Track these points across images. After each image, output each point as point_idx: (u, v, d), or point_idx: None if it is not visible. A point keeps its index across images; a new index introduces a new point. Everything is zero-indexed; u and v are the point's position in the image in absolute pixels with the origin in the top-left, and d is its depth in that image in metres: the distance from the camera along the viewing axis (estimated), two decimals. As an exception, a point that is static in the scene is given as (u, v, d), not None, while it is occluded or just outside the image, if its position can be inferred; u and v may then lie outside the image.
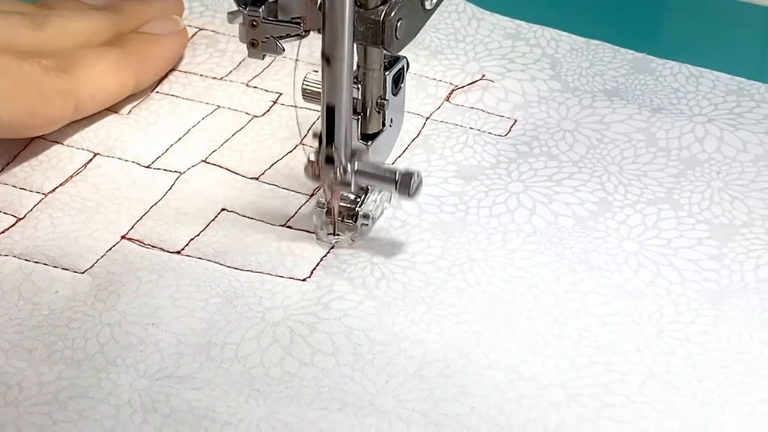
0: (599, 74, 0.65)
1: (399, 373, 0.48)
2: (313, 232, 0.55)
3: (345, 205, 0.55)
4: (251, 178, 0.58)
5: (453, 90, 0.64)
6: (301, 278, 0.53)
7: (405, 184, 0.52)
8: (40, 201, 0.56)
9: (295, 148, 0.60)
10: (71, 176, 0.58)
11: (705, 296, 0.52)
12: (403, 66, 0.55)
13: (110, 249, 0.53)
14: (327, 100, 0.51)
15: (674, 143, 0.61)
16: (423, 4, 0.53)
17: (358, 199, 0.55)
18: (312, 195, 0.57)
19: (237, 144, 0.60)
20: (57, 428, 0.45)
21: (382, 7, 0.50)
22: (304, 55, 0.57)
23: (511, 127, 0.62)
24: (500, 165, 0.59)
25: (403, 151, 0.60)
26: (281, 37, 0.51)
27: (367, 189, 0.55)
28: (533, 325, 0.51)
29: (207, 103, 0.63)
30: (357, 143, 0.54)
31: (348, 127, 0.52)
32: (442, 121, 0.62)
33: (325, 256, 0.54)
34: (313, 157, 0.52)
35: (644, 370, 0.49)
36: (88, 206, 0.56)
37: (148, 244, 0.54)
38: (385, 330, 0.50)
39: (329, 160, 0.52)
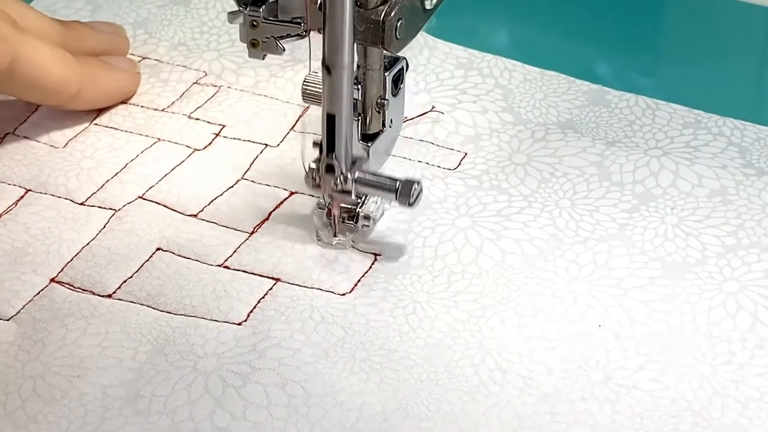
0: (553, 106, 0.64)
1: (334, 427, 0.46)
2: (318, 238, 0.55)
3: (346, 206, 0.54)
4: (189, 215, 0.56)
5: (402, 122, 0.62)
6: (237, 322, 0.51)
7: (405, 193, 0.52)
8: (-33, 242, 0.54)
9: (236, 183, 0.58)
10: (0, 215, 0.56)
11: (655, 340, 0.51)
12: (402, 66, 0.55)
13: (38, 293, 0.52)
14: (327, 109, 0.51)
15: (628, 177, 0.59)
16: (423, 4, 0.53)
17: (359, 200, 0.54)
18: (252, 233, 0.56)
19: (176, 179, 0.58)
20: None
21: (382, 7, 0.50)
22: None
23: (461, 160, 0.60)
24: (448, 199, 0.58)
25: (350, 186, 0.58)
26: (281, 37, 0.51)
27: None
28: (476, 372, 0.49)
29: (147, 136, 0.61)
30: (357, 150, 0.53)
31: (348, 136, 0.52)
32: (390, 155, 0.60)
33: (262, 297, 0.52)
34: (313, 166, 0.53)
35: (589, 420, 0.47)
36: (17, 247, 0.54)
37: (78, 288, 0.52)
38: (322, 381, 0.48)
39: (329, 168, 0.52)
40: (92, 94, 0.61)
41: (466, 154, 0.61)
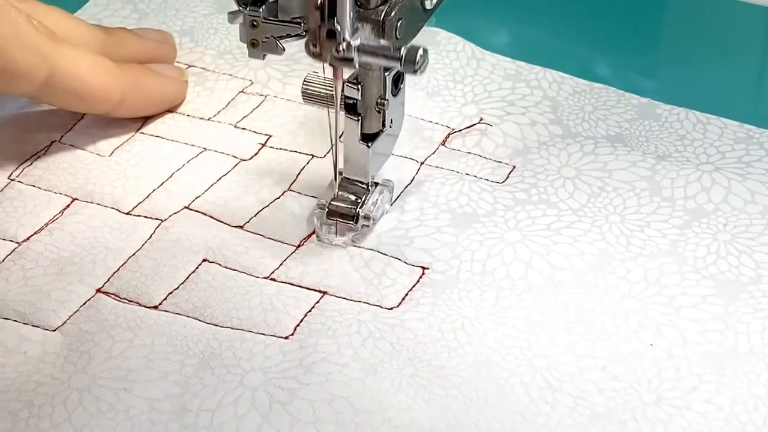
0: (602, 119, 0.63)
1: (382, 444, 0.46)
2: (318, 238, 0.55)
3: (345, 206, 0.54)
4: (235, 227, 0.56)
5: (449, 134, 0.62)
6: (284, 336, 0.50)
7: (410, 59, 0.49)
8: (13, 251, 0.54)
9: (282, 194, 0.58)
10: (47, 224, 0.56)
11: (708, 360, 0.50)
12: None
13: (84, 304, 0.51)
14: None
15: (679, 192, 0.58)
16: (423, 4, 0.52)
17: (359, 200, 0.54)
18: (299, 246, 0.55)
19: (222, 189, 0.58)
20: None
21: (382, 7, 0.50)
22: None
23: (509, 173, 0.60)
24: (496, 213, 0.57)
25: (396, 199, 0.58)
26: (281, 37, 0.51)
27: (368, 190, 0.54)
28: (526, 390, 0.48)
29: (193, 145, 0.60)
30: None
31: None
32: (437, 167, 0.60)
33: (309, 311, 0.52)
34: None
35: (642, 441, 0.47)
36: (63, 256, 0.54)
37: (124, 299, 0.52)
38: (369, 397, 0.47)
39: (330, 34, 0.49)
40: (137, 101, 0.61)
41: (514, 167, 0.60)
